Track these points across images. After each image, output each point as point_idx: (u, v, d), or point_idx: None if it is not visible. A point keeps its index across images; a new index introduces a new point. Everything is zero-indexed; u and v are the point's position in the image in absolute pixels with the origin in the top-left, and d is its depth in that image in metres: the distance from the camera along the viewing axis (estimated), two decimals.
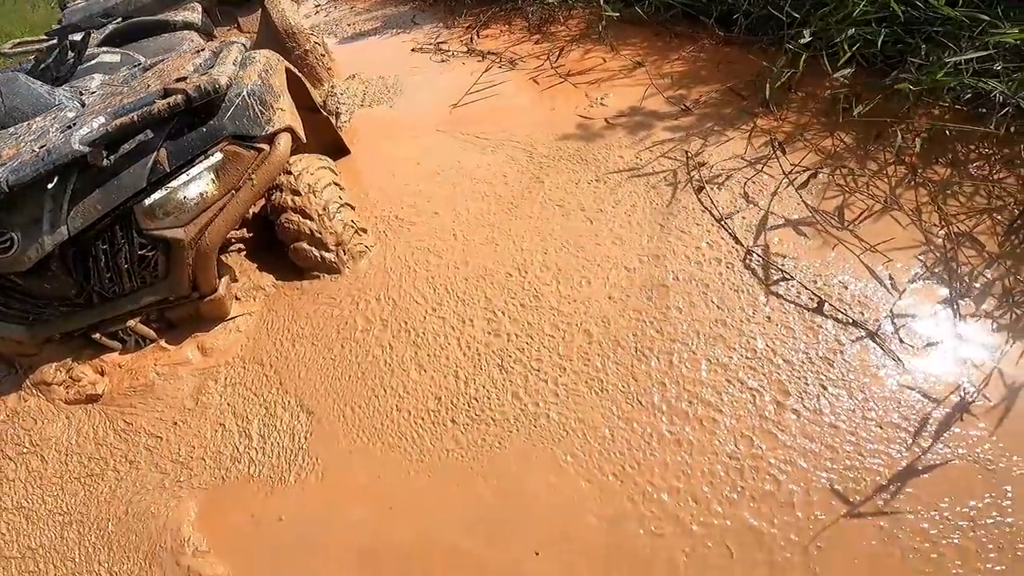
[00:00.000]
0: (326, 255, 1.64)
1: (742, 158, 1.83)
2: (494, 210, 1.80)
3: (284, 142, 1.48)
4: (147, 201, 1.36)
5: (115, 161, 1.33)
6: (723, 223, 1.62)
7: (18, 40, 2.10)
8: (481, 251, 1.65)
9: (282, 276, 1.69)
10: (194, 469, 1.30)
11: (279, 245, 1.68)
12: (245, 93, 1.43)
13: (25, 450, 1.41)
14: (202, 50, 1.63)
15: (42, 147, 1.29)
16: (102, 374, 1.49)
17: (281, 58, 1.72)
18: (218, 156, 1.40)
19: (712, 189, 1.73)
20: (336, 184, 1.75)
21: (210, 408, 1.41)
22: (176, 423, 1.40)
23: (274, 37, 2.67)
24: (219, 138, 1.39)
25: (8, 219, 1.31)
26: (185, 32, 2.35)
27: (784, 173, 1.72)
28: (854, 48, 1.92)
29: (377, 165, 2.19)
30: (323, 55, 3.01)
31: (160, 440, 1.38)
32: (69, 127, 1.36)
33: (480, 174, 1.98)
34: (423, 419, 1.30)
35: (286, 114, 1.50)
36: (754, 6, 2.43)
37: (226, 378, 1.47)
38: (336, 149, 2.15)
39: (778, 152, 1.76)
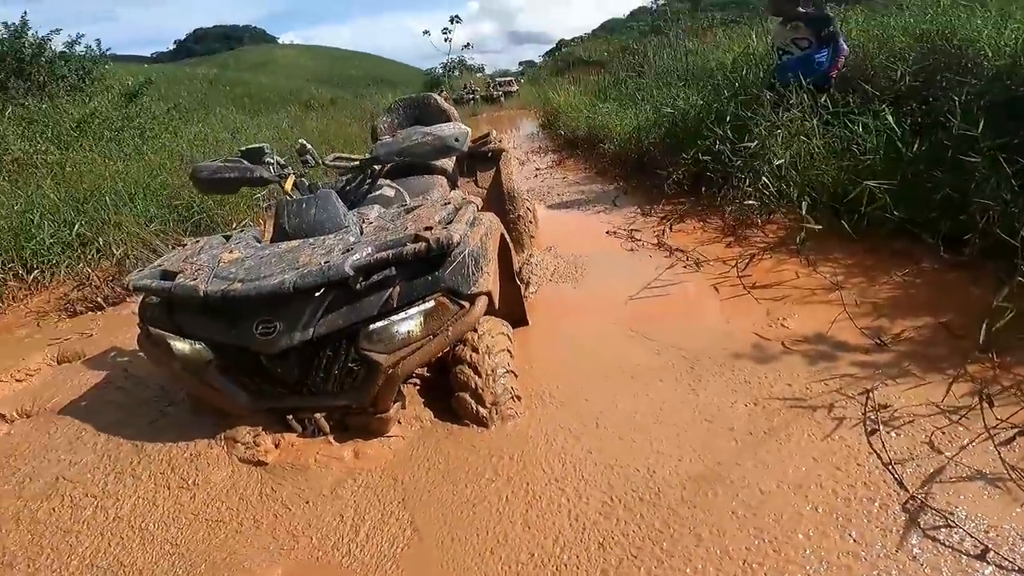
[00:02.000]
0: (481, 410, 1.83)
1: (937, 405, 1.66)
2: (641, 410, 1.85)
3: (481, 305, 1.71)
4: (371, 326, 1.64)
5: (363, 287, 1.62)
6: (890, 467, 1.47)
7: (336, 154, 2.42)
8: (617, 444, 1.71)
9: (440, 416, 1.91)
10: (300, 542, 1.48)
11: (447, 389, 1.93)
12: (466, 253, 1.68)
13: (184, 486, 1.72)
14: (448, 203, 1.89)
15: (326, 262, 1.59)
16: (276, 447, 1.80)
17: (499, 224, 2.00)
18: (431, 304, 1.65)
19: (888, 433, 1.59)
20: (508, 351, 1.95)
21: (340, 500, 1.61)
22: (308, 502, 1.61)
23: (499, 196, 3.02)
24: (437, 289, 1.65)
25: (279, 312, 1.61)
26: (438, 176, 2.69)
27: (986, 427, 1.50)
28: None
29: (548, 342, 2.39)
30: (531, 223, 3.45)
31: (289, 512, 1.59)
32: (348, 250, 1.64)
33: (638, 372, 2.06)
34: (510, 568, 1.33)
35: (489, 279, 1.73)
36: (995, 224, 2.17)
37: (363, 481, 1.67)
38: (518, 318, 2.36)
39: (984, 403, 1.53)
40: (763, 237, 3.15)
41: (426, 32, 28.92)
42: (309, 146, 2.13)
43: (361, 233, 1.79)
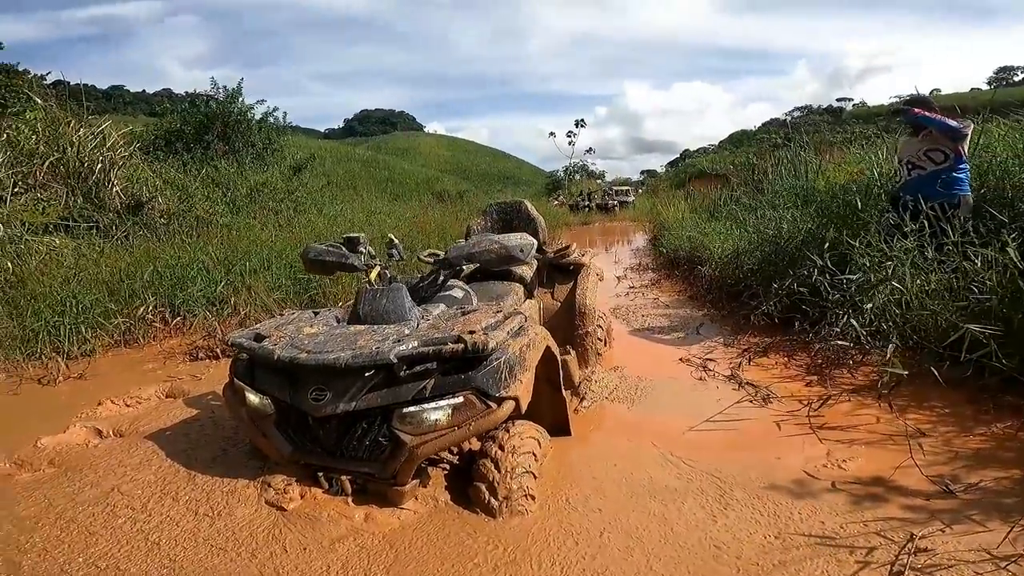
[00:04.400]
0: (493, 501, 1.97)
1: (988, 552, 1.56)
2: (651, 528, 1.86)
3: (506, 408, 1.90)
4: (405, 410, 1.88)
5: (405, 374, 1.86)
6: None
7: (430, 251, 2.79)
8: (614, 555, 1.73)
9: (456, 499, 2.05)
10: None
11: (469, 477, 2.07)
12: (503, 359, 1.90)
13: (210, 514, 1.92)
14: (499, 312, 2.13)
15: (377, 348, 1.86)
16: (301, 497, 1.97)
17: (548, 336, 2.19)
18: (460, 399, 1.87)
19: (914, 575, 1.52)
20: (533, 454, 2.09)
21: (334, 552, 1.74)
22: (305, 549, 1.75)
23: (569, 309, 3.12)
24: (467, 387, 1.87)
25: (332, 383, 1.89)
26: (514, 284, 2.89)
27: None
28: None
29: (584, 454, 2.44)
30: (600, 340, 3.51)
31: (284, 553, 1.74)
32: (399, 340, 1.91)
33: (663, 494, 2.06)
34: None
35: (521, 387, 1.92)
36: None
37: (362, 542, 1.81)
38: (559, 426, 2.47)
39: None
40: (851, 379, 2.98)
41: (552, 134, 30.83)
42: (396, 242, 2.54)
43: (417, 327, 2.07)
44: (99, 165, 6.52)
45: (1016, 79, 56.65)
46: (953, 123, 3.40)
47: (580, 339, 3.12)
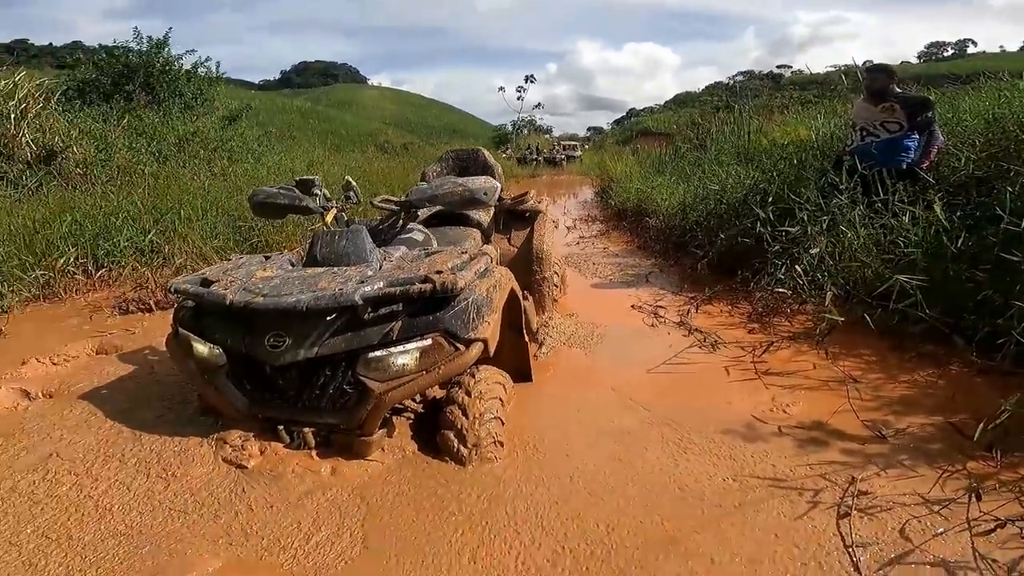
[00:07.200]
0: (462, 449, 1.91)
1: (921, 496, 1.65)
2: (618, 472, 1.88)
3: (475, 350, 1.82)
4: (370, 354, 1.76)
5: (370, 317, 1.76)
6: (850, 549, 1.47)
7: (383, 197, 2.63)
8: (585, 499, 1.74)
9: (423, 448, 1.98)
10: (250, 541, 1.54)
11: (435, 425, 2.01)
12: (470, 300, 1.81)
13: (163, 476, 1.80)
14: (464, 252, 2.04)
15: (340, 289, 1.74)
16: (261, 453, 1.86)
17: (512, 278, 2.12)
18: (428, 342, 1.77)
19: (860, 518, 1.59)
20: (500, 399, 2.04)
21: (303, 509, 1.67)
22: (272, 507, 1.67)
23: (527, 255, 3.12)
24: (436, 328, 1.77)
25: (291, 328, 1.75)
26: (472, 230, 2.81)
27: (968, 519, 1.48)
28: None
29: (546, 400, 2.43)
30: (557, 286, 3.53)
31: (250, 512, 1.65)
32: (362, 281, 1.78)
33: (625, 439, 2.08)
34: None
35: (488, 328, 1.84)
36: None
37: (331, 496, 1.73)
38: (521, 372, 2.43)
39: (972, 496, 1.52)
40: (789, 326, 3.11)
41: (501, 88, 30.38)
42: (354, 184, 2.38)
43: (380, 268, 1.95)
44: (12, 116, 5.98)
45: (946, 54, 59.90)
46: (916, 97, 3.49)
47: (537, 285, 3.12)
